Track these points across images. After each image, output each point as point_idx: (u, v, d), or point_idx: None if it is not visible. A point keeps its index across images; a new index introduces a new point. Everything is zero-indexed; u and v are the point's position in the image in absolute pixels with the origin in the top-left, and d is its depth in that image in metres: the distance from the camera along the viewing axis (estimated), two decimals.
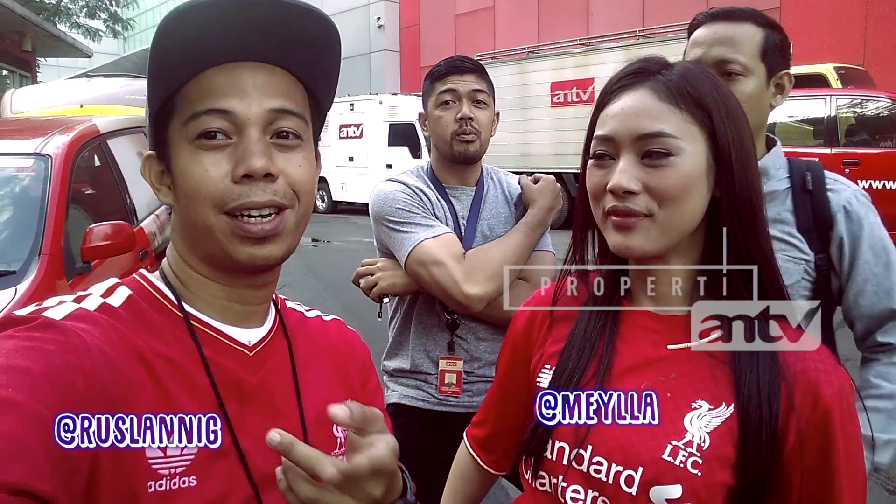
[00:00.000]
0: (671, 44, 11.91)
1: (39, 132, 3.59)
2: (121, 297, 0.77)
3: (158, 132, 0.80)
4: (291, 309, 0.96)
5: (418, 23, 22.84)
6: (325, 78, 0.84)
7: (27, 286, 2.72)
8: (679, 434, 0.83)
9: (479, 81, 1.82)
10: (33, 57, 17.05)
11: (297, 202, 0.80)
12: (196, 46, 0.74)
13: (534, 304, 1.07)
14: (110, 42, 27.36)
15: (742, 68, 1.36)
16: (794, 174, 1.42)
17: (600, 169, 0.90)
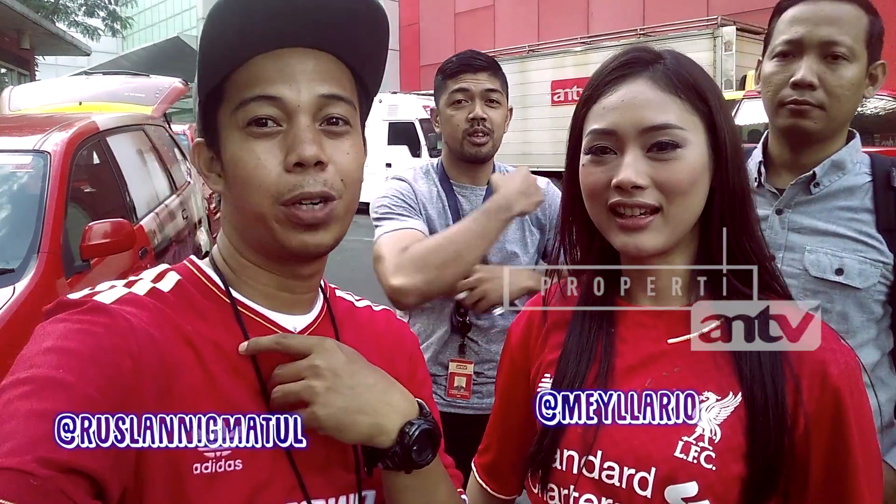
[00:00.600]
0: (671, 42, 11.90)
1: (38, 129, 3.57)
2: (170, 282, 0.79)
3: (207, 119, 0.80)
4: (341, 298, 0.96)
5: (418, 21, 22.81)
6: (372, 62, 0.84)
7: (25, 284, 2.69)
8: (689, 429, 0.81)
9: (493, 80, 1.79)
10: (32, 55, 17.02)
11: (345, 191, 0.80)
12: (244, 33, 0.74)
13: (527, 316, 1.04)
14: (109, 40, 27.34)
15: (848, 52, 1.26)
16: (878, 169, 1.32)
17: (599, 165, 0.86)
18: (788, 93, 1.29)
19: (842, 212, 1.32)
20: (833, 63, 1.27)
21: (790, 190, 1.35)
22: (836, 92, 1.27)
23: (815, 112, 1.28)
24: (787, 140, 1.36)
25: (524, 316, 1.04)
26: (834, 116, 1.29)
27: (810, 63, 1.27)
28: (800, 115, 1.29)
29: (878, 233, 1.29)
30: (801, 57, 1.29)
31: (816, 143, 1.33)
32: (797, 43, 1.29)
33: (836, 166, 1.33)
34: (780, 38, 1.32)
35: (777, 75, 1.32)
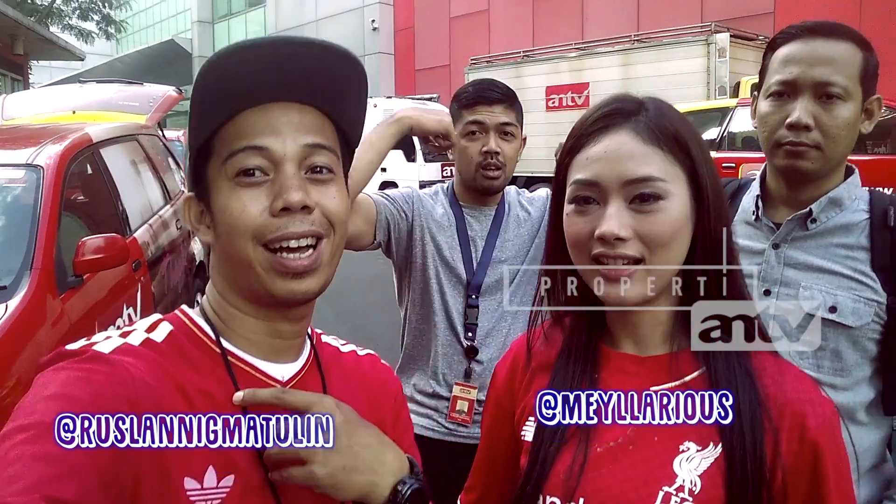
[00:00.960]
0: (665, 49, 11.93)
1: (31, 142, 3.55)
2: (163, 332, 0.81)
3: (197, 173, 0.83)
4: (326, 343, 0.98)
5: (413, 25, 22.81)
6: (353, 114, 0.88)
7: (18, 302, 2.68)
8: (670, 479, 0.82)
9: (508, 112, 1.81)
10: (25, 60, 16.95)
11: (332, 232, 0.83)
12: (233, 89, 0.77)
13: (512, 356, 1.05)
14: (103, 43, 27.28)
15: (843, 92, 1.25)
16: (875, 206, 1.31)
17: (583, 215, 0.87)
18: (784, 134, 1.29)
19: (838, 249, 1.32)
20: (828, 103, 1.26)
21: (787, 225, 1.35)
22: (831, 132, 1.27)
23: (812, 153, 1.27)
24: (784, 178, 1.36)
25: (509, 357, 1.05)
26: (831, 156, 1.29)
27: (805, 104, 1.27)
28: (796, 156, 1.28)
29: (873, 271, 1.28)
30: (795, 97, 1.29)
31: (813, 181, 1.33)
32: (791, 84, 1.29)
33: (833, 203, 1.33)
34: (775, 78, 1.32)
35: (772, 116, 1.32)
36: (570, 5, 18.08)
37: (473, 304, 1.79)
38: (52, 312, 2.81)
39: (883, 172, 7.56)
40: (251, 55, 0.77)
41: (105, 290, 3.30)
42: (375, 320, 6.48)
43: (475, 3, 20.55)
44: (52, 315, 2.80)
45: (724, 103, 9.19)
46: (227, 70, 0.76)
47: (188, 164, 0.85)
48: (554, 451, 0.89)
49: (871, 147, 8.07)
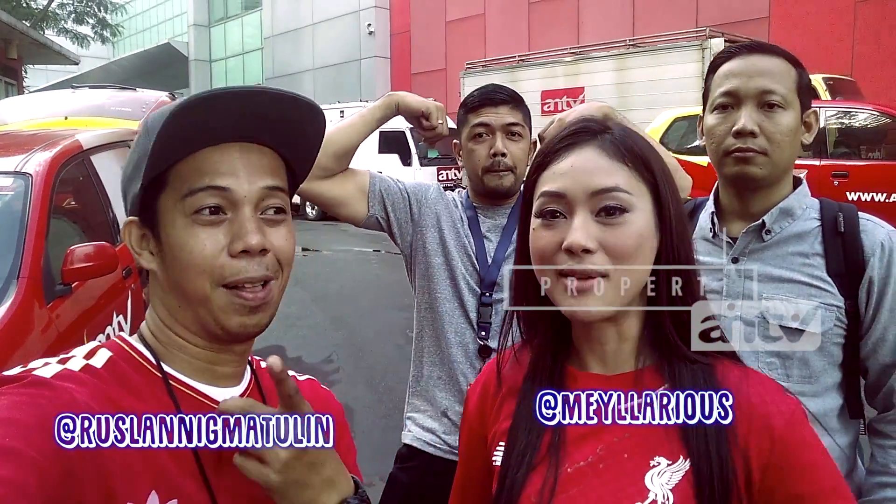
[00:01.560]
0: (660, 53, 11.97)
1: (20, 149, 3.53)
2: (102, 358, 0.81)
3: (145, 201, 0.83)
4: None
5: (409, 29, 22.84)
6: (306, 157, 0.92)
7: (4, 311, 2.65)
8: (642, 495, 0.82)
9: (514, 113, 1.80)
10: (19, 64, 16.93)
11: (280, 273, 0.86)
12: (198, 131, 0.80)
13: (483, 381, 1.04)
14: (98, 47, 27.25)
15: (783, 100, 1.33)
16: (825, 214, 1.38)
17: (549, 228, 0.88)
18: (732, 142, 1.35)
19: (794, 257, 1.36)
20: (770, 111, 1.34)
21: (742, 238, 1.39)
22: (775, 138, 1.33)
23: (759, 158, 1.33)
24: (735, 188, 1.41)
25: (480, 381, 1.05)
26: (777, 162, 1.34)
27: (749, 112, 1.34)
28: (745, 161, 1.34)
29: (829, 277, 1.33)
30: (739, 107, 1.35)
31: (763, 189, 1.38)
32: (734, 94, 1.36)
33: (784, 213, 1.37)
34: (718, 91, 1.39)
35: (719, 126, 1.38)
36: (565, 10, 18.13)
37: (487, 303, 1.76)
38: (40, 321, 2.78)
39: (879, 178, 7.58)
40: (220, 103, 0.78)
41: (95, 299, 3.27)
42: (369, 327, 6.49)
43: (471, 8, 20.59)
44: (41, 324, 2.78)
45: None
46: (197, 114, 0.78)
47: (129, 189, 0.85)
48: (522, 477, 0.88)
49: (865, 153, 8.10)
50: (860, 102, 8.90)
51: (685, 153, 8.48)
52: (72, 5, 22.76)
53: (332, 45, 24.64)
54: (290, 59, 26.04)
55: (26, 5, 21.23)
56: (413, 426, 1.85)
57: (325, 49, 24.96)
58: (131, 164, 0.85)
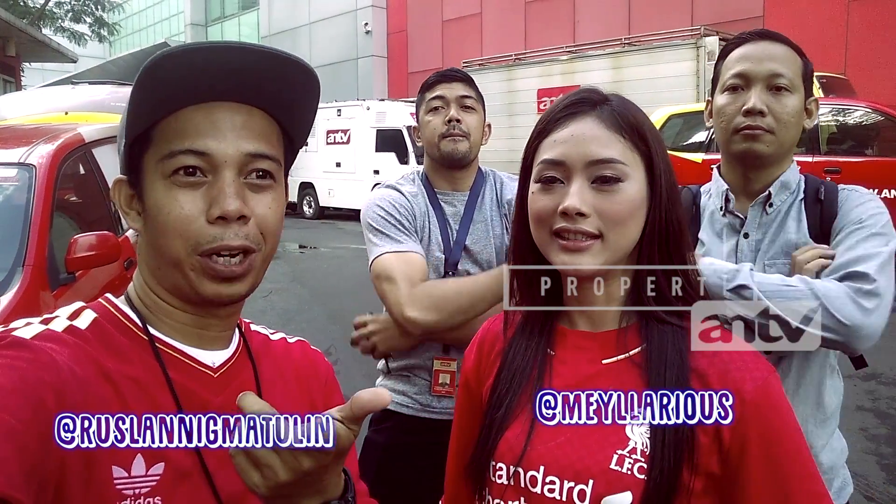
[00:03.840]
0: (655, 52, 12.03)
1: (24, 141, 3.58)
2: (87, 319, 0.79)
3: (132, 160, 0.82)
4: (256, 332, 0.98)
5: (406, 29, 22.88)
6: (301, 121, 0.87)
7: (10, 297, 2.71)
8: (623, 443, 0.88)
9: (468, 89, 1.88)
10: (17, 62, 16.93)
11: (263, 244, 0.83)
12: (179, 86, 0.76)
13: (478, 340, 1.10)
14: (96, 46, 27.21)
15: (790, 84, 1.41)
16: (809, 186, 1.47)
17: (547, 192, 0.93)
18: (741, 120, 1.42)
19: (791, 226, 1.44)
20: (777, 94, 1.42)
21: (751, 212, 1.47)
22: (782, 118, 1.41)
23: (767, 136, 1.41)
24: (741, 165, 1.48)
25: (476, 340, 1.10)
26: (782, 141, 1.43)
27: (758, 93, 1.42)
28: (753, 139, 1.42)
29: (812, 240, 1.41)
30: (749, 88, 1.43)
31: (767, 166, 1.46)
32: (745, 76, 1.44)
33: (784, 186, 1.46)
34: (730, 73, 1.47)
35: (729, 106, 1.46)
36: (561, 9, 18.19)
37: None
38: (45, 308, 2.84)
39: (871, 174, 7.65)
40: (200, 56, 0.75)
41: (98, 288, 3.32)
42: None
43: (467, 7, 20.64)
44: (46, 310, 2.81)
45: None
46: (175, 66, 0.74)
47: (121, 149, 0.83)
48: (500, 419, 0.95)
49: (857, 149, 8.18)
50: (853, 100, 8.97)
51: (680, 150, 8.55)
52: (69, 4, 22.75)
53: (329, 44, 24.66)
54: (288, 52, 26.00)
55: (24, 3, 21.23)
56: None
57: (321, 48, 24.98)
58: (122, 120, 0.81)
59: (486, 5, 20.26)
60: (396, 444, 1.85)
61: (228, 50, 0.77)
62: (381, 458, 1.87)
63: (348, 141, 16.12)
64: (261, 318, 5.73)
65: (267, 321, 0.90)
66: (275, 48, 0.80)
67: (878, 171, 7.68)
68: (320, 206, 17.02)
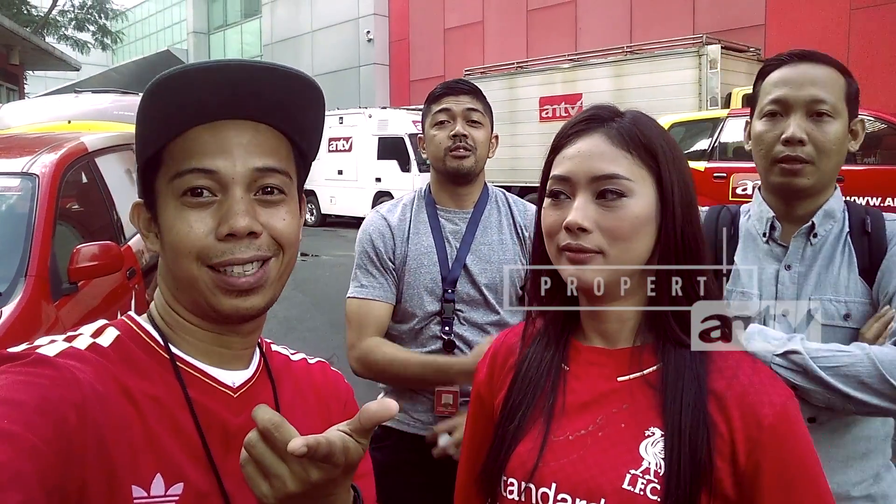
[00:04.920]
0: (657, 60, 12.04)
1: (27, 150, 3.58)
2: (109, 337, 0.79)
3: (146, 183, 0.83)
4: (277, 352, 0.98)
5: (408, 37, 22.94)
6: (310, 133, 0.88)
7: (13, 308, 2.70)
8: (637, 462, 0.87)
9: (474, 101, 1.86)
10: (21, 70, 17.00)
11: (281, 252, 0.83)
12: (184, 106, 0.76)
13: (492, 353, 1.10)
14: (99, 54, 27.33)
15: (832, 109, 1.34)
16: (853, 216, 1.40)
17: (556, 208, 0.95)
18: (780, 149, 1.36)
19: (837, 258, 1.38)
20: (818, 120, 1.34)
21: (794, 243, 1.41)
22: (824, 147, 1.34)
23: (807, 168, 1.35)
24: (781, 195, 1.42)
25: (489, 354, 1.11)
26: (824, 170, 1.36)
27: (798, 121, 1.35)
28: (792, 174, 1.36)
29: (859, 275, 1.35)
30: (788, 115, 1.36)
31: (809, 197, 1.39)
32: (784, 102, 1.37)
33: (828, 215, 1.40)
34: (768, 99, 1.40)
35: (768, 133, 1.39)
36: (563, 17, 18.24)
37: (449, 299, 1.82)
38: (47, 318, 2.83)
39: (874, 182, 7.64)
40: (206, 75, 0.75)
41: (100, 298, 3.32)
42: None
43: (470, 15, 20.70)
44: (47, 321, 2.83)
45: (715, 114, 9.27)
46: (180, 86, 0.75)
47: (136, 172, 0.84)
48: (513, 432, 0.95)
49: (860, 157, 8.16)
50: None
51: None
52: (73, 12, 22.85)
53: (332, 52, 24.73)
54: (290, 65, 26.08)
55: (28, 12, 21.32)
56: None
57: (324, 56, 25.06)
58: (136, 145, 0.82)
59: (488, 13, 20.32)
60: (396, 462, 1.84)
61: (230, 68, 0.77)
62: (381, 476, 1.85)
63: (350, 149, 16.14)
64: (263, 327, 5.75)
65: (268, 329, 0.91)
66: (276, 63, 0.80)
67: (881, 179, 7.67)
68: (322, 214, 17.04)
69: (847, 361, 1.19)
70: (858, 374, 1.17)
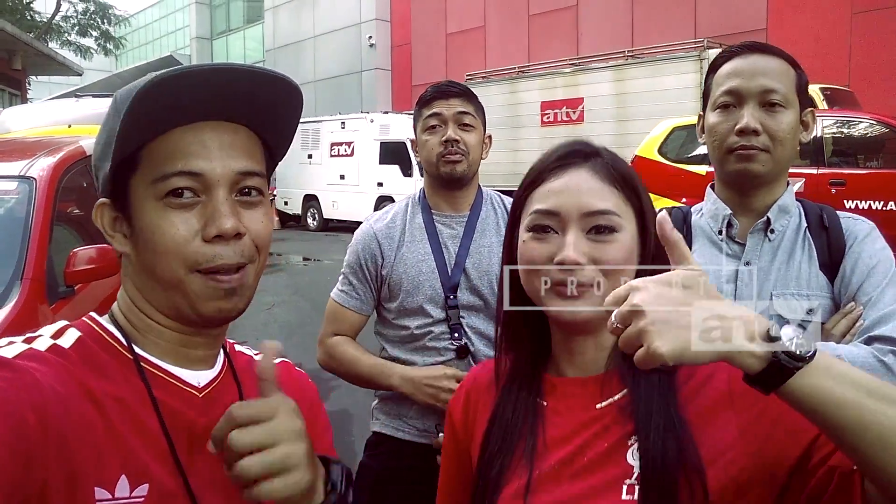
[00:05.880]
0: (659, 64, 12.06)
1: (25, 154, 3.57)
2: (71, 338, 0.79)
3: (117, 182, 0.81)
4: (240, 353, 0.98)
5: (410, 42, 23.00)
6: (283, 135, 0.89)
7: (8, 311, 2.68)
8: (627, 472, 0.85)
9: (466, 104, 1.84)
10: (24, 75, 17.05)
11: (257, 257, 0.84)
12: (169, 109, 0.77)
13: (465, 391, 1.08)
14: (101, 59, 27.43)
15: (783, 99, 1.36)
16: (809, 212, 1.41)
17: (541, 242, 0.93)
18: (734, 140, 1.37)
19: (796, 253, 1.38)
20: (771, 110, 1.36)
21: (752, 240, 1.41)
22: (777, 136, 1.36)
23: (762, 156, 1.36)
24: (736, 185, 1.43)
25: (462, 391, 1.09)
26: (778, 159, 1.37)
27: (751, 111, 1.36)
28: (748, 159, 1.36)
29: (820, 269, 1.36)
30: (741, 106, 1.37)
31: (763, 185, 1.40)
32: (737, 93, 1.38)
33: (783, 210, 1.41)
34: (720, 90, 1.41)
35: (722, 125, 1.40)
36: (564, 21, 18.27)
37: (453, 305, 1.80)
38: (44, 322, 2.77)
39: (875, 186, 7.62)
40: (193, 80, 0.76)
41: (97, 301, 3.30)
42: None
43: (471, 20, 20.75)
44: (44, 324, 2.79)
45: None
46: (166, 91, 0.75)
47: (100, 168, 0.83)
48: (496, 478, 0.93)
49: (862, 161, 8.15)
50: (857, 112, 8.95)
51: (683, 162, 8.54)
52: (76, 18, 22.93)
53: (334, 57, 24.80)
54: (292, 71, 26.17)
55: (31, 17, 21.41)
56: (381, 415, 1.90)
57: (326, 61, 25.13)
58: (100, 143, 0.81)
59: (489, 18, 20.36)
60: (390, 469, 1.83)
61: (215, 72, 0.78)
62: (375, 483, 1.84)
63: (352, 153, 16.17)
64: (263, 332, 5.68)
65: (269, 334, 0.90)
66: (257, 67, 0.81)
67: (883, 183, 7.64)
68: (324, 219, 17.05)
69: None
70: None
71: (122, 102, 0.75)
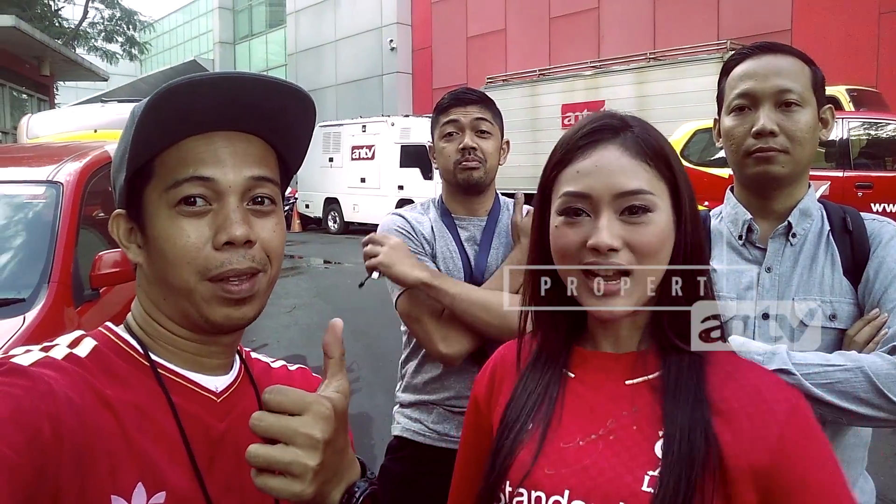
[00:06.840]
0: (681, 66, 11.95)
1: (52, 159, 3.63)
2: (87, 347, 0.79)
3: (131, 193, 0.82)
4: (256, 359, 0.99)
5: (430, 45, 23.04)
6: (297, 146, 0.90)
7: (35, 314, 2.73)
8: (653, 464, 0.83)
9: (483, 111, 1.83)
10: (52, 81, 17.36)
11: (269, 266, 0.84)
12: (182, 118, 0.77)
13: (491, 367, 1.06)
14: (127, 64, 27.86)
15: (800, 98, 1.33)
16: (832, 215, 1.38)
17: (573, 226, 0.90)
18: (752, 142, 1.34)
19: (819, 258, 1.35)
20: (787, 110, 1.33)
21: (773, 244, 1.38)
22: (795, 136, 1.33)
23: (781, 157, 1.33)
24: (756, 188, 1.40)
25: (488, 367, 1.07)
26: (798, 160, 1.34)
27: (767, 112, 1.33)
28: (767, 161, 1.33)
29: (843, 275, 1.32)
30: (757, 108, 1.35)
31: (784, 187, 1.37)
32: (751, 96, 1.35)
33: (804, 213, 1.38)
34: (734, 93, 1.38)
35: (738, 128, 1.37)
36: (586, 24, 18.19)
37: None
38: (70, 324, 2.86)
39: None
40: (206, 89, 0.76)
41: (122, 304, 3.35)
42: (388, 338, 6.50)
43: (492, 23, 20.74)
44: (70, 327, 2.85)
45: None
46: (181, 99, 0.75)
47: (117, 180, 0.84)
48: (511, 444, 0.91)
49: (890, 164, 8.00)
50: (885, 113, 8.80)
51: (706, 165, 8.45)
52: (102, 24, 23.32)
53: (355, 61, 24.93)
54: (314, 74, 26.40)
55: (59, 24, 21.80)
56: (402, 418, 1.89)
57: (347, 65, 25.27)
58: (118, 154, 0.82)
59: (510, 21, 20.33)
60: (412, 473, 1.82)
61: (228, 80, 0.78)
62: (397, 488, 1.83)
63: (373, 157, 16.23)
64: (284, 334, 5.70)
65: (290, 337, 0.90)
66: (271, 76, 0.81)
67: None
68: (345, 222, 17.13)
69: (841, 377, 1.15)
70: (854, 390, 1.14)
71: (137, 114, 0.76)
